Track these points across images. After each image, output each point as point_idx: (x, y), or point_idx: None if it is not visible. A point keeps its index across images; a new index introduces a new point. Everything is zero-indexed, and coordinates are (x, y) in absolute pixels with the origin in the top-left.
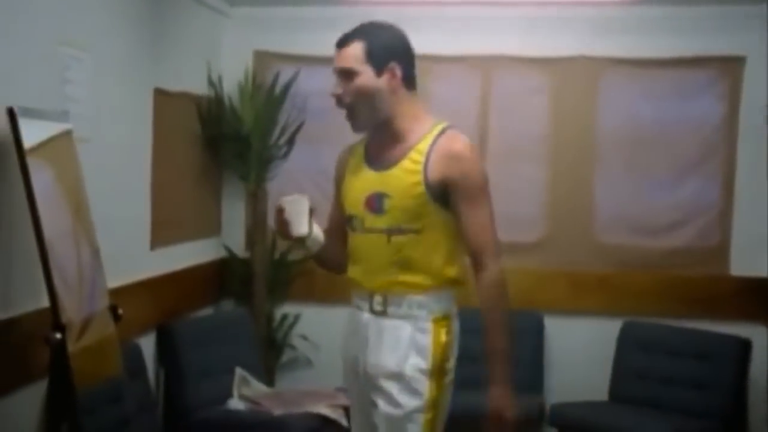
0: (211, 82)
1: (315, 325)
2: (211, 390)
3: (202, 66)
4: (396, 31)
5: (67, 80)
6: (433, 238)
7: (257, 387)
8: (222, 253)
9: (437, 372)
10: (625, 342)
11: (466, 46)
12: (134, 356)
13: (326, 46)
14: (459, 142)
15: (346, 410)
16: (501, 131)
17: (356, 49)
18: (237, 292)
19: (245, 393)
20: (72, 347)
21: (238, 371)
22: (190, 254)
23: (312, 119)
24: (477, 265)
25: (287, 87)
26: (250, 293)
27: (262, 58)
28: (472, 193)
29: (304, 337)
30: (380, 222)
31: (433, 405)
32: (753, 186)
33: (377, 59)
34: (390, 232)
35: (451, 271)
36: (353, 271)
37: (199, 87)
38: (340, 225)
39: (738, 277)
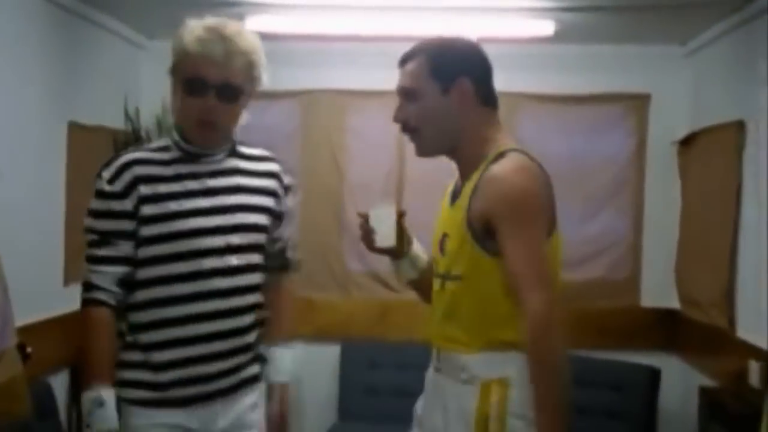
0: (128, 116)
1: None
2: None
3: (119, 99)
4: (465, 41)
5: None
6: (480, 289)
7: None
8: None
9: None
10: None
11: (382, 81)
12: (45, 395)
13: None
14: (504, 165)
15: None
16: (418, 166)
17: (418, 65)
18: None
19: None
20: None
21: None
22: None
23: None
24: (518, 304)
25: None
26: None
27: None
28: (509, 220)
29: None
30: (441, 265)
31: None
32: (661, 219)
33: (443, 74)
34: (444, 277)
35: (505, 334)
36: None
37: (116, 120)
38: None
39: (648, 308)
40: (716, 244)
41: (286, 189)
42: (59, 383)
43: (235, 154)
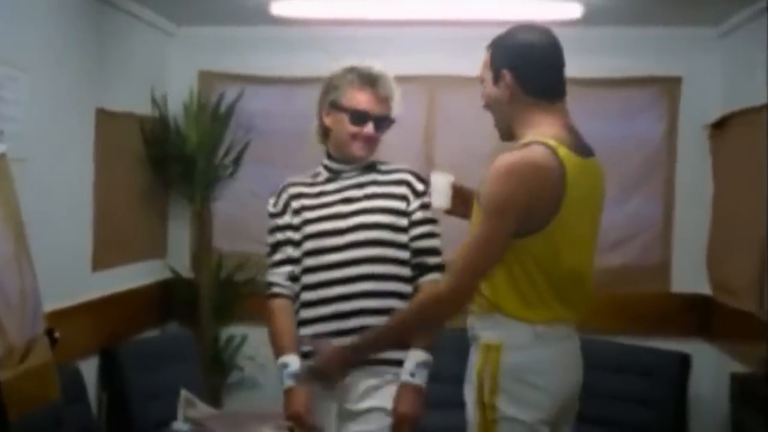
0: (155, 102)
1: (263, 345)
2: (156, 413)
3: (146, 86)
4: (521, 35)
5: (1, 99)
6: None
7: (203, 409)
8: (167, 275)
9: (480, 403)
10: None
11: (412, 66)
12: (74, 380)
13: (270, 66)
14: (505, 158)
15: (292, 431)
16: (447, 151)
17: (486, 56)
18: (183, 313)
19: (191, 415)
20: (14, 371)
21: (184, 393)
22: (135, 276)
23: (258, 139)
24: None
25: (232, 106)
26: (196, 315)
27: (206, 77)
28: (480, 208)
29: (251, 358)
30: None
31: None
32: (692, 204)
33: (493, 66)
34: None
35: (501, 298)
36: None
37: (143, 107)
38: None
39: (679, 294)
40: (749, 228)
41: (416, 193)
42: (89, 368)
43: (373, 169)
